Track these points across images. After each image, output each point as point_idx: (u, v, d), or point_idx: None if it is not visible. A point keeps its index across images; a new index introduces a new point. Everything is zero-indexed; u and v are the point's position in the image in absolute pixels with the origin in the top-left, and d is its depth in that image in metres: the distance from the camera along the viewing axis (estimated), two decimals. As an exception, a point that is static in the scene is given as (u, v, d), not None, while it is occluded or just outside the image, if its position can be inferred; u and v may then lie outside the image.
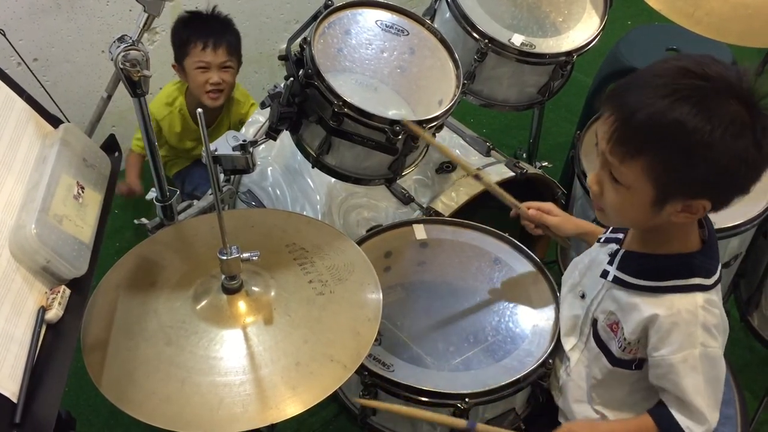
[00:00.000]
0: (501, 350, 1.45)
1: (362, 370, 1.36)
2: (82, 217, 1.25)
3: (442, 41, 1.70)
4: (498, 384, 1.37)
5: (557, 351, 1.44)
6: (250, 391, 1.14)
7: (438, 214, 1.79)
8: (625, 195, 1.17)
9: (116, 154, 1.46)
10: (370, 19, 1.66)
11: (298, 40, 1.56)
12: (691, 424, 1.24)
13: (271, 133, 1.60)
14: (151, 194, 1.55)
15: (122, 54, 1.31)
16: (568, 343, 1.42)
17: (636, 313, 1.25)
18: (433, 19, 1.96)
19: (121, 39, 1.34)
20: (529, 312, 1.53)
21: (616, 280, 1.29)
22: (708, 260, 1.24)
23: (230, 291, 1.25)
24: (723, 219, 1.31)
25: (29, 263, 1.13)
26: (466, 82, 1.89)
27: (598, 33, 1.95)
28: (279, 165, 2.06)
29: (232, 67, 2.34)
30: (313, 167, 1.62)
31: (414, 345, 1.46)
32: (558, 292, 1.52)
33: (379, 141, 1.52)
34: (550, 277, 1.58)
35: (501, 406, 1.42)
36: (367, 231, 1.70)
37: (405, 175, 1.66)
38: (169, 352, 1.19)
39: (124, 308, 1.27)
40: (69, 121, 1.41)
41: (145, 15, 1.40)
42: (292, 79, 1.52)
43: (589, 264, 1.40)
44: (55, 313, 1.12)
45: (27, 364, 1.04)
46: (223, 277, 1.25)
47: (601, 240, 1.40)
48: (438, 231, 1.70)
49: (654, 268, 1.25)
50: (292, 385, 1.15)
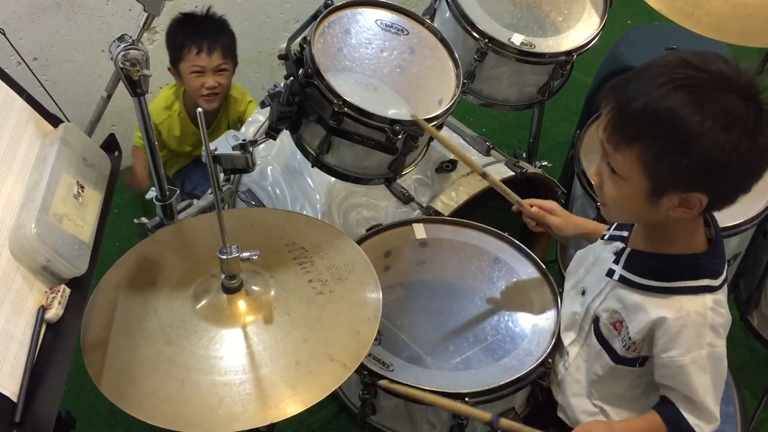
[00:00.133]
0: (501, 349, 1.45)
1: (362, 369, 1.36)
2: (82, 216, 1.25)
3: (442, 41, 1.70)
4: (497, 383, 1.37)
5: (557, 347, 1.44)
6: (249, 390, 1.14)
7: (438, 213, 1.79)
8: (623, 186, 1.17)
9: (116, 154, 1.46)
10: (370, 18, 1.66)
11: (298, 39, 1.56)
12: (700, 423, 1.24)
13: (271, 133, 1.60)
14: (151, 193, 1.55)
15: (122, 53, 1.32)
16: (568, 338, 1.42)
17: (642, 314, 1.24)
18: (432, 19, 1.96)
19: (121, 38, 1.34)
20: (528, 312, 1.52)
21: (623, 279, 1.28)
22: (714, 260, 1.23)
23: (230, 290, 1.25)
24: (723, 218, 1.30)
25: (29, 262, 1.13)
26: (465, 81, 1.89)
27: (598, 32, 1.95)
28: (279, 164, 2.06)
29: (228, 70, 2.30)
30: (312, 166, 1.62)
31: (414, 344, 1.46)
32: (558, 292, 1.52)
33: (379, 140, 1.52)
34: (551, 278, 1.58)
35: (500, 406, 1.42)
36: (367, 230, 1.69)
37: (405, 174, 1.66)
38: (169, 352, 1.19)
39: (124, 308, 1.27)
40: (69, 121, 1.41)
41: (145, 14, 1.40)
42: (291, 78, 1.52)
43: (594, 261, 1.40)
44: (55, 313, 1.12)
45: (27, 364, 1.04)
46: (223, 276, 1.25)
47: (605, 237, 1.40)
48: (438, 230, 1.70)
49: (661, 267, 1.24)
50: (292, 384, 1.15)
